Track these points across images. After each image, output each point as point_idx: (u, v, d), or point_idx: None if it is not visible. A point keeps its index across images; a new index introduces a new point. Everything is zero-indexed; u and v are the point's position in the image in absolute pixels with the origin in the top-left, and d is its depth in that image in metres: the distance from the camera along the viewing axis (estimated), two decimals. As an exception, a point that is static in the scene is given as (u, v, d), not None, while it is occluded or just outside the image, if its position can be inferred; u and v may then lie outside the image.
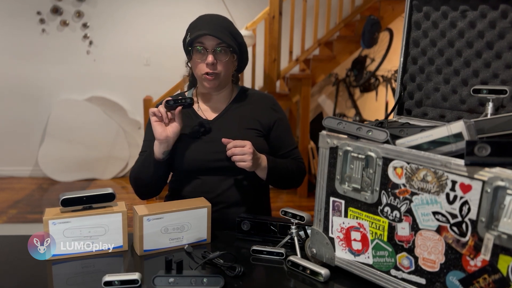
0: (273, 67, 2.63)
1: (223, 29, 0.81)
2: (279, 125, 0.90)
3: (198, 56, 0.82)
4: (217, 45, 0.81)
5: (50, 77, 3.04)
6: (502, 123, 0.58)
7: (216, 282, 0.60)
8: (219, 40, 0.80)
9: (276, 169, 0.83)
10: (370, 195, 0.58)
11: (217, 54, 0.81)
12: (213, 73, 0.82)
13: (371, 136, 0.58)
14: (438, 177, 0.51)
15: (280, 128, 0.90)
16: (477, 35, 0.68)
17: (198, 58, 0.82)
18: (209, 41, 0.80)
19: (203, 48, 0.81)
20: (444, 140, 0.54)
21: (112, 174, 3.08)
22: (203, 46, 0.81)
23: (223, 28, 0.82)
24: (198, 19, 0.84)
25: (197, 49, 0.81)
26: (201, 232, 0.75)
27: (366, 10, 2.90)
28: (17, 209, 2.48)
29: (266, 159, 0.81)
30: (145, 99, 2.51)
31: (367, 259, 0.60)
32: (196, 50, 0.82)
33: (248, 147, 0.76)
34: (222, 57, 0.82)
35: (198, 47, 0.81)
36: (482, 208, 0.48)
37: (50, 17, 2.98)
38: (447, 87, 0.73)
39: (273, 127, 0.89)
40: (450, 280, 0.52)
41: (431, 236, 0.53)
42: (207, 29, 0.80)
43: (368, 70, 3.23)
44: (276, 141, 0.89)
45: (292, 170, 0.87)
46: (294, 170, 0.87)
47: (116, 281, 0.60)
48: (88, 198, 0.71)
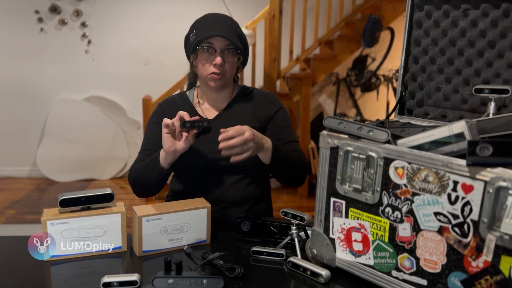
0: (273, 67, 2.62)
1: (232, 30, 0.81)
2: (278, 116, 0.88)
3: (205, 56, 0.81)
4: (226, 46, 0.80)
5: (48, 77, 3.03)
6: (504, 123, 0.58)
7: (215, 283, 0.59)
8: (228, 41, 0.79)
9: (281, 152, 0.78)
10: (371, 195, 0.58)
11: (225, 55, 0.81)
12: (220, 73, 0.81)
13: (372, 136, 0.57)
14: (439, 178, 0.51)
15: (279, 118, 0.88)
16: (479, 34, 0.68)
17: (205, 58, 0.81)
18: (218, 42, 0.80)
19: (212, 48, 0.80)
20: (445, 140, 0.54)
21: (111, 174, 3.07)
22: (212, 46, 0.80)
23: (231, 29, 0.81)
24: (205, 18, 0.83)
25: (205, 49, 0.80)
26: (201, 232, 0.75)
27: (367, 9, 2.89)
28: (15, 209, 2.47)
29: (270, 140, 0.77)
30: (144, 98, 2.50)
31: (368, 260, 0.60)
32: (204, 50, 0.81)
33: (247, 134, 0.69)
34: (229, 58, 0.82)
35: (206, 47, 0.80)
36: (484, 209, 0.48)
37: (48, 16, 2.97)
38: (448, 87, 0.73)
39: (271, 118, 0.88)
40: (452, 281, 0.52)
41: (433, 237, 0.53)
42: (217, 29, 0.79)
43: (369, 69, 3.22)
44: (274, 131, 0.86)
45: (295, 158, 0.82)
46: (296, 160, 0.83)
47: (115, 282, 0.59)
48: (87, 198, 0.70)
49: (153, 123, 0.90)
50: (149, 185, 0.83)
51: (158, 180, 0.81)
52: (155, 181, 0.81)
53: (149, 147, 0.88)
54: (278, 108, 0.89)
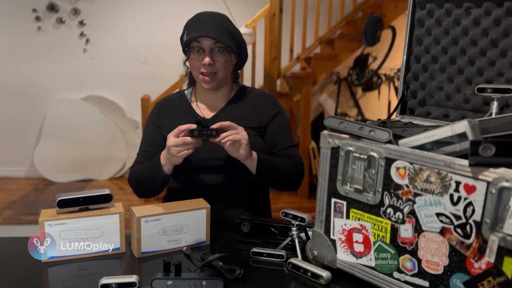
0: (274, 66, 2.61)
1: (221, 28, 0.80)
2: (277, 120, 0.88)
3: (195, 56, 0.81)
4: (214, 45, 0.80)
5: (46, 76, 3.02)
6: (507, 123, 0.57)
7: (215, 284, 0.59)
8: (215, 40, 0.79)
9: (267, 161, 0.79)
10: (373, 196, 0.57)
11: (214, 55, 0.80)
12: (210, 73, 0.81)
13: (373, 136, 0.57)
14: (441, 178, 0.51)
15: (277, 123, 0.88)
16: (481, 33, 0.67)
17: (195, 58, 0.81)
18: (206, 42, 0.79)
19: (200, 48, 0.80)
20: (448, 140, 0.53)
21: (109, 175, 3.06)
22: (200, 46, 0.80)
23: (220, 27, 0.80)
24: (195, 17, 0.83)
25: (195, 49, 0.80)
26: (200, 234, 0.74)
27: (368, 8, 2.87)
28: (12, 210, 2.46)
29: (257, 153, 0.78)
30: (143, 98, 2.49)
31: (370, 262, 0.59)
32: (193, 50, 0.81)
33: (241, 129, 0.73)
34: (219, 57, 0.81)
35: (196, 48, 0.80)
36: (486, 210, 0.47)
37: (46, 14, 2.95)
38: (451, 86, 0.72)
39: (270, 121, 0.87)
40: (454, 282, 0.51)
41: (435, 238, 0.52)
42: (204, 29, 0.79)
43: (370, 68, 3.20)
44: (272, 136, 0.87)
45: (287, 167, 0.83)
46: (288, 168, 0.83)
47: (113, 283, 0.58)
48: (85, 199, 0.70)
49: (150, 123, 0.89)
50: (152, 188, 0.83)
51: (162, 184, 0.82)
52: (158, 185, 0.82)
53: (147, 148, 0.88)
54: (277, 111, 0.89)
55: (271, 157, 0.83)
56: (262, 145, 0.85)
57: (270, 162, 0.81)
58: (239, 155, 0.75)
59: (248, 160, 0.76)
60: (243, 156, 0.74)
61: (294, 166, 0.85)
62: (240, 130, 0.73)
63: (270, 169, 0.80)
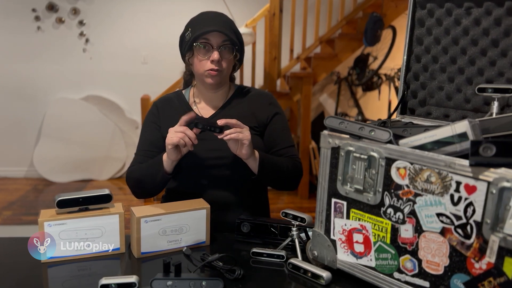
0: (274, 66, 2.61)
1: (228, 26, 0.81)
2: (275, 120, 0.88)
3: (202, 52, 0.81)
4: (222, 42, 0.80)
5: (45, 76, 3.01)
6: (507, 123, 0.57)
7: (215, 285, 0.59)
8: (225, 36, 0.79)
9: (269, 160, 0.80)
10: (373, 196, 0.57)
11: (222, 51, 0.80)
12: (217, 70, 0.80)
13: (373, 136, 0.56)
14: (442, 178, 0.50)
15: (276, 123, 0.88)
16: (482, 32, 0.67)
17: (202, 54, 0.81)
18: (215, 38, 0.79)
19: (208, 44, 0.79)
20: (448, 140, 0.53)
21: (109, 175, 3.06)
22: (209, 42, 0.79)
23: (227, 25, 0.81)
24: (200, 15, 0.83)
25: (202, 45, 0.80)
26: (200, 234, 0.74)
27: (369, 7, 2.87)
28: (11, 210, 2.46)
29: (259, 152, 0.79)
30: (143, 98, 2.49)
31: (370, 262, 0.59)
32: (200, 47, 0.80)
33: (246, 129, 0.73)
34: (226, 55, 0.81)
35: (202, 44, 0.80)
36: (487, 210, 0.47)
37: (45, 14, 2.95)
38: (451, 86, 0.72)
39: (269, 122, 0.87)
40: (455, 283, 0.51)
41: (435, 238, 0.52)
42: (214, 25, 0.78)
43: (371, 68, 3.20)
44: (271, 136, 0.87)
45: (287, 167, 0.83)
46: (289, 167, 0.83)
47: (113, 284, 0.58)
48: (84, 199, 0.69)
49: (149, 122, 0.89)
50: (151, 188, 0.83)
51: (161, 183, 0.81)
52: (158, 184, 0.81)
53: (145, 148, 0.87)
54: (276, 111, 0.89)
55: (272, 156, 0.83)
56: (261, 144, 0.85)
57: (271, 161, 0.81)
58: (240, 154, 0.75)
59: (250, 159, 0.77)
60: (245, 155, 0.75)
61: (293, 165, 0.85)
62: (244, 130, 0.73)
63: (271, 169, 0.80)
